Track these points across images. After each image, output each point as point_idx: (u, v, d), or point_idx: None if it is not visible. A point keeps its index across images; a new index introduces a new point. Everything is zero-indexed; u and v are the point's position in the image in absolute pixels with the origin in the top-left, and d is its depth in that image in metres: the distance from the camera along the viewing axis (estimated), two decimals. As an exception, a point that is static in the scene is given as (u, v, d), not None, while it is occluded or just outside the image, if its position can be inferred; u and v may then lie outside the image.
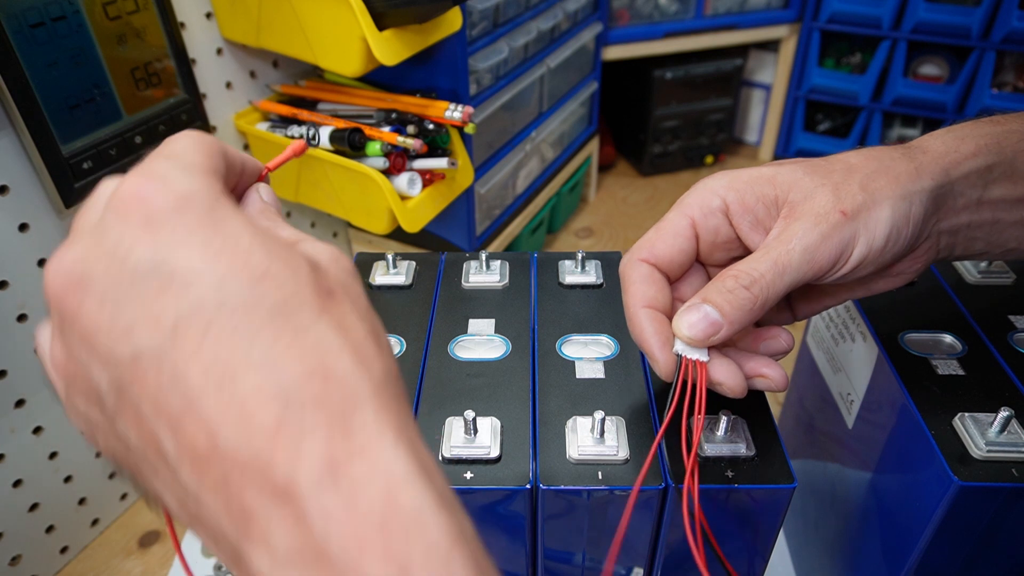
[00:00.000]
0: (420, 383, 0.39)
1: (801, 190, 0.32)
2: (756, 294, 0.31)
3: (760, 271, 0.31)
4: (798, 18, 1.08)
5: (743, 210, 0.33)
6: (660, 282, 0.34)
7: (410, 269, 0.48)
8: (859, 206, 0.31)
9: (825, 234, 0.31)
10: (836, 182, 0.32)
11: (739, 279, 0.31)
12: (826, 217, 0.31)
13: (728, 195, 0.33)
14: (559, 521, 0.35)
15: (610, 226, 1.06)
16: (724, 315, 0.31)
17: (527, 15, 0.77)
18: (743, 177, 0.33)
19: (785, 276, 0.31)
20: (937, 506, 0.34)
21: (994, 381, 0.38)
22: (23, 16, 0.46)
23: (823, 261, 0.31)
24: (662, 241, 0.34)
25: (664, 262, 0.34)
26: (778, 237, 0.31)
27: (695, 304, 0.31)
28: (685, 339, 0.31)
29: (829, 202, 0.31)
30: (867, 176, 0.32)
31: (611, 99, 1.15)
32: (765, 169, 0.33)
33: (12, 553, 0.55)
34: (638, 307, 0.33)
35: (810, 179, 0.32)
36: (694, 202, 0.33)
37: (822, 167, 0.33)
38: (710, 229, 0.33)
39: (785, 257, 0.31)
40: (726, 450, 0.34)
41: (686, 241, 0.34)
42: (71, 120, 0.51)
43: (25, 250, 0.51)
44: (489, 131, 0.75)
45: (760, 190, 0.33)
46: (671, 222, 0.34)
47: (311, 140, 0.64)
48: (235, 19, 0.62)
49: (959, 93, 1.01)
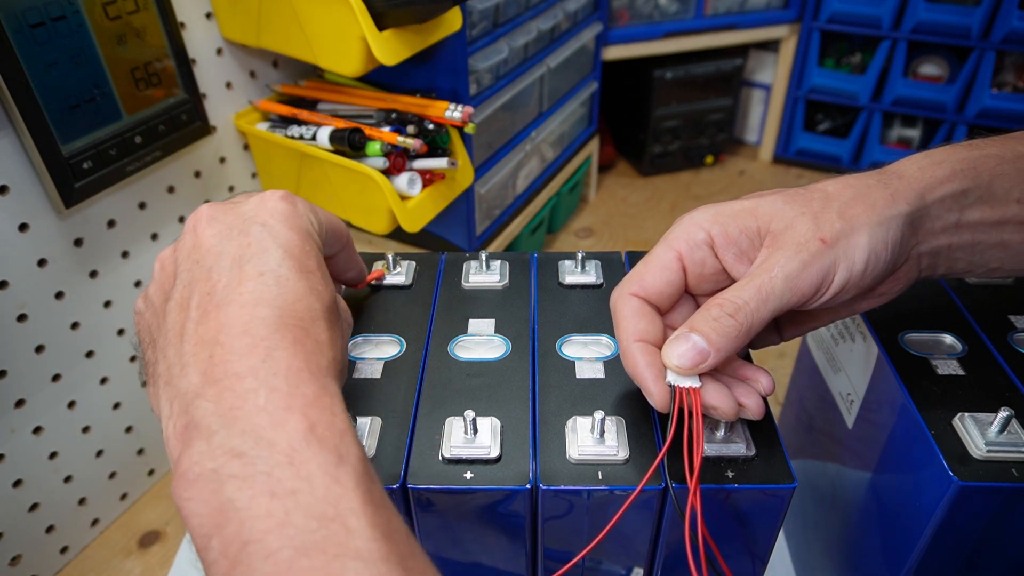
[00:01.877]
0: (420, 383, 0.39)
1: (782, 219, 0.33)
2: (741, 321, 0.32)
3: (744, 299, 0.32)
4: (798, 18, 1.08)
5: (727, 242, 0.34)
6: (651, 315, 0.34)
7: (410, 269, 0.48)
8: (838, 233, 0.32)
9: (806, 262, 0.32)
10: (815, 211, 0.33)
11: (724, 307, 0.32)
12: (807, 245, 0.32)
13: (712, 228, 0.34)
14: (559, 521, 0.35)
15: (610, 226, 1.06)
16: (711, 343, 0.32)
17: (527, 15, 0.77)
18: (726, 211, 0.34)
19: (769, 303, 0.32)
20: (937, 506, 0.34)
21: (994, 381, 0.38)
22: (23, 16, 0.46)
23: (805, 288, 0.32)
24: (650, 275, 0.34)
25: (654, 295, 0.34)
26: (761, 265, 0.33)
27: (683, 334, 0.32)
28: (675, 368, 0.32)
29: (809, 230, 0.32)
30: (844, 204, 0.33)
31: (611, 99, 1.15)
32: (747, 202, 0.34)
33: (12, 553, 0.55)
34: (630, 341, 0.34)
35: (790, 208, 0.33)
36: (680, 236, 0.34)
37: (801, 196, 0.34)
38: (696, 261, 0.34)
39: (768, 285, 0.32)
40: (726, 450, 0.34)
41: (674, 274, 0.34)
42: (71, 120, 0.51)
43: (25, 250, 0.51)
44: (489, 131, 0.75)
45: (743, 222, 0.33)
46: (658, 256, 0.35)
47: (311, 140, 0.64)
48: (235, 19, 0.62)
49: (959, 93, 1.01)
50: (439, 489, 0.34)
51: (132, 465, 0.65)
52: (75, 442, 0.59)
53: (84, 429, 0.59)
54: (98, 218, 0.56)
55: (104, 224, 0.57)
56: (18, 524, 0.55)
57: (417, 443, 0.36)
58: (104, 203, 0.56)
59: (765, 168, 1.20)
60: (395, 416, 0.37)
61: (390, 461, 0.35)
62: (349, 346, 0.42)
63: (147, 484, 0.67)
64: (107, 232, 0.57)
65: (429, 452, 0.35)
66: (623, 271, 0.48)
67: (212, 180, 0.66)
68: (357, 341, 0.43)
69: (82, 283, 0.56)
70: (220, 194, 0.67)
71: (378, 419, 0.37)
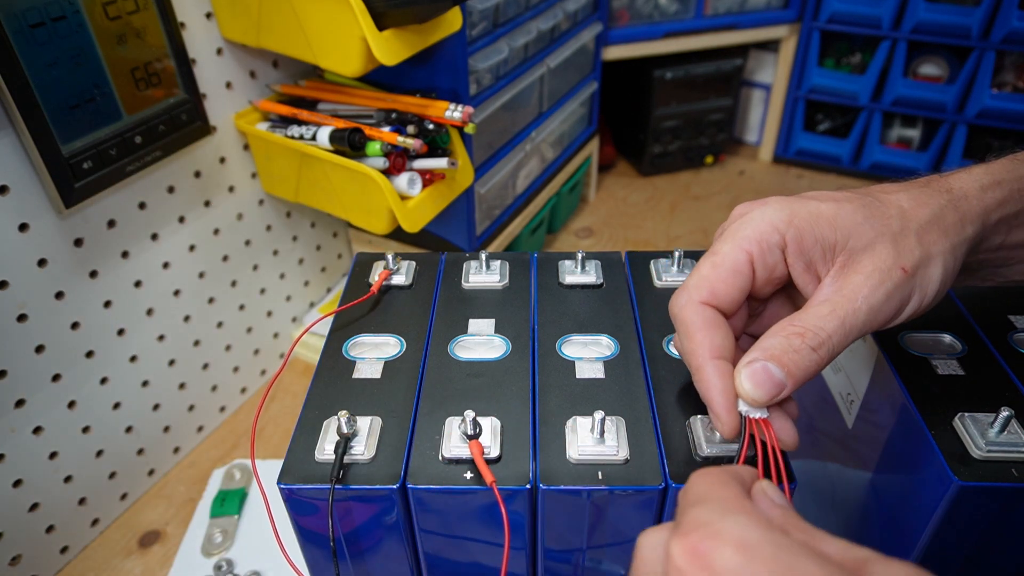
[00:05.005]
0: (420, 383, 0.39)
1: (861, 238, 0.31)
2: (822, 356, 0.30)
3: (828, 331, 0.30)
4: (798, 18, 1.08)
5: (800, 250, 0.32)
6: (724, 327, 0.32)
7: (410, 269, 0.48)
8: (917, 262, 0.31)
9: (889, 293, 0.30)
10: (895, 232, 0.31)
11: (806, 338, 0.30)
12: (889, 274, 0.30)
13: (789, 232, 0.32)
14: (559, 521, 0.35)
15: (610, 226, 1.06)
16: (789, 374, 0.30)
17: (527, 15, 0.77)
18: (802, 213, 0.32)
19: (850, 336, 0.30)
20: (937, 506, 0.34)
21: (994, 381, 0.38)
22: (23, 16, 0.46)
23: (882, 318, 0.31)
24: (722, 281, 0.32)
25: (725, 303, 0.32)
26: (841, 292, 0.31)
27: (760, 363, 0.30)
28: (749, 400, 0.30)
29: (890, 257, 0.31)
30: (921, 227, 0.31)
31: (611, 99, 1.15)
32: (824, 207, 0.32)
33: (12, 553, 0.55)
34: (707, 359, 0.31)
35: (870, 226, 0.31)
36: (752, 236, 0.32)
37: (879, 211, 0.32)
38: (768, 266, 0.32)
39: (852, 318, 0.30)
40: (725, 450, 0.34)
41: (745, 279, 0.32)
42: (71, 120, 0.51)
43: (25, 250, 0.51)
44: (489, 131, 0.75)
45: (820, 232, 0.31)
46: (729, 257, 0.32)
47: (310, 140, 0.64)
48: (235, 19, 0.62)
49: (959, 93, 1.01)
50: (439, 489, 0.34)
51: (132, 465, 0.65)
52: (75, 442, 0.59)
53: (84, 429, 0.59)
54: (98, 218, 0.56)
55: (104, 224, 0.57)
56: (18, 524, 0.55)
57: (417, 443, 0.36)
58: (104, 203, 0.56)
59: (765, 168, 1.20)
60: (395, 416, 0.37)
61: (390, 461, 0.35)
62: (349, 346, 0.42)
63: (147, 484, 0.67)
64: (107, 232, 0.57)
65: (429, 452, 0.35)
66: (623, 271, 0.48)
67: (212, 180, 0.66)
68: (357, 341, 0.43)
69: (82, 283, 0.56)
70: (220, 194, 0.67)
71: (378, 419, 0.37)
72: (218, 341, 0.71)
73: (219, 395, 0.73)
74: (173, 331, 0.66)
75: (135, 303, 0.61)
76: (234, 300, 0.72)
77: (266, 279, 0.76)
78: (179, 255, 0.64)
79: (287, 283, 0.79)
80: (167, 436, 0.68)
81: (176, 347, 0.66)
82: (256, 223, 0.73)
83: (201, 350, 0.69)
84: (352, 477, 0.34)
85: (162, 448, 0.68)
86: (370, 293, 0.45)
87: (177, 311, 0.66)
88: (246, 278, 0.73)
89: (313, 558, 0.39)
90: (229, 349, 0.73)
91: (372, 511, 0.35)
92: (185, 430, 0.70)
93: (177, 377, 0.67)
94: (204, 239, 0.67)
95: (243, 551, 0.60)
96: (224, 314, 0.71)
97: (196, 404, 0.70)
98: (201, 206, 0.66)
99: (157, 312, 0.63)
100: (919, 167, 1.09)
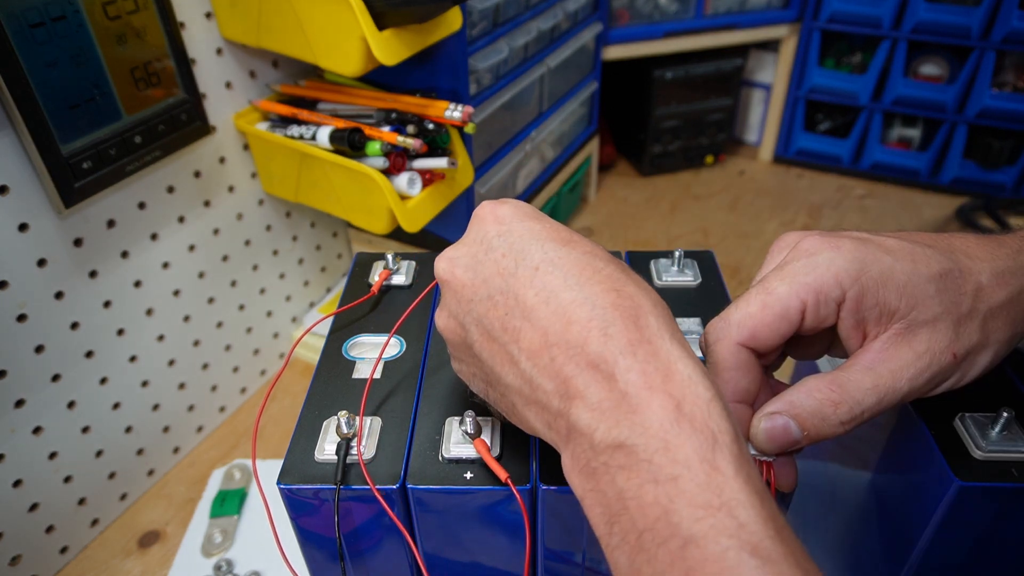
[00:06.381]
0: (420, 383, 0.39)
1: (926, 312, 0.30)
2: (847, 429, 0.29)
3: (864, 407, 0.29)
4: (798, 18, 1.07)
5: (857, 308, 0.30)
6: (755, 369, 0.31)
7: (410, 269, 0.48)
8: (969, 349, 0.30)
9: (933, 375, 0.30)
10: (961, 314, 0.30)
11: (839, 411, 0.29)
12: (939, 358, 0.30)
13: (852, 289, 0.30)
14: (559, 521, 0.35)
15: (610, 226, 1.06)
16: (807, 436, 0.29)
17: (527, 15, 0.77)
18: (873, 272, 0.30)
19: (881, 410, 0.30)
20: (937, 506, 0.34)
21: (994, 381, 0.38)
22: (23, 16, 0.46)
23: (916, 395, 0.30)
24: (767, 326, 0.30)
25: (763, 347, 0.31)
26: (887, 365, 0.29)
27: (780, 416, 0.29)
28: (758, 450, 0.30)
29: (946, 340, 0.30)
30: (991, 311, 0.30)
31: (611, 99, 1.15)
32: (899, 267, 0.30)
33: (12, 553, 0.55)
34: (727, 400, 0.30)
35: (938, 302, 0.30)
36: (813, 285, 0.30)
37: (954, 287, 0.30)
38: (819, 318, 0.30)
39: (891, 396, 0.29)
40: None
41: (791, 327, 0.30)
42: (71, 120, 0.51)
43: (25, 250, 0.51)
44: (489, 131, 0.75)
45: (885, 296, 0.30)
46: (782, 302, 0.30)
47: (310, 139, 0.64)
48: (235, 19, 0.62)
49: (959, 93, 1.01)
50: (439, 489, 0.34)
51: (132, 465, 0.65)
52: (75, 442, 0.59)
53: (84, 429, 0.59)
54: (98, 218, 0.56)
55: (104, 224, 0.57)
56: (18, 524, 0.55)
57: (417, 443, 0.36)
58: (104, 203, 0.56)
59: (765, 168, 1.20)
60: (395, 416, 0.37)
61: (390, 461, 0.35)
62: (349, 346, 0.42)
63: (147, 484, 0.67)
64: (107, 232, 0.57)
65: (429, 452, 0.35)
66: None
67: (212, 180, 0.66)
68: (357, 341, 0.43)
69: (82, 283, 0.56)
70: (220, 194, 0.67)
71: (378, 419, 0.37)
72: (218, 341, 0.71)
73: (219, 395, 0.73)
74: (173, 331, 0.66)
75: (135, 303, 0.61)
76: (234, 300, 0.72)
77: (266, 279, 0.76)
78: (179, 255, 0.64)
79: (287, 283, 0.79)
80: (167, 436, 0.68)
81: (176, 347, 0.66)
82: (256, 223, 0.73)
83: (201, 350, 0.69)
84: (352, 477, 0.34)
85: (162, 448, 0.68)
86: (370, 293, 0.45)
87: (177, 311, 0.66)
88: (246, 278, 0.73)
89: (312, 558, 0.39)
90: (229, 349, 0.73)
91: (372, 511, 0.35)
92: (185, 430, 0.70)
93: (177, 377, 0.67)
94: (204, 239, 0.67)
95: (243, 551, 0.60)
96: (224, 314, 0.71)
97: (196, 404, 0.70)
98: (201, 206, 0.66)
99: (157, 312, 0.63)
100: (919, 167, 1.09)
